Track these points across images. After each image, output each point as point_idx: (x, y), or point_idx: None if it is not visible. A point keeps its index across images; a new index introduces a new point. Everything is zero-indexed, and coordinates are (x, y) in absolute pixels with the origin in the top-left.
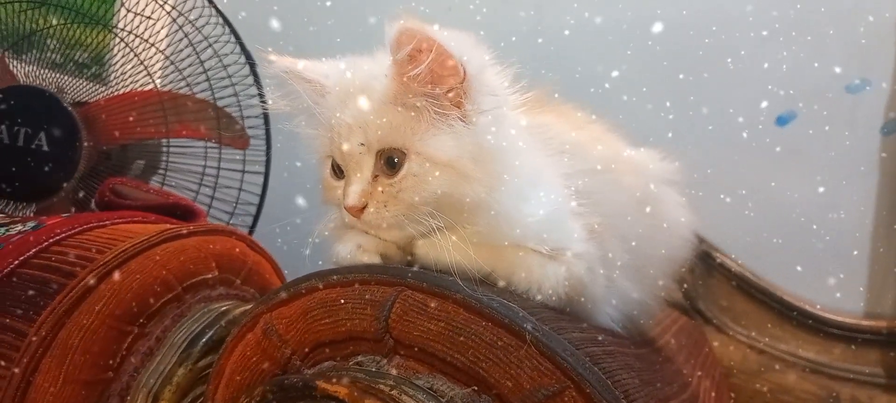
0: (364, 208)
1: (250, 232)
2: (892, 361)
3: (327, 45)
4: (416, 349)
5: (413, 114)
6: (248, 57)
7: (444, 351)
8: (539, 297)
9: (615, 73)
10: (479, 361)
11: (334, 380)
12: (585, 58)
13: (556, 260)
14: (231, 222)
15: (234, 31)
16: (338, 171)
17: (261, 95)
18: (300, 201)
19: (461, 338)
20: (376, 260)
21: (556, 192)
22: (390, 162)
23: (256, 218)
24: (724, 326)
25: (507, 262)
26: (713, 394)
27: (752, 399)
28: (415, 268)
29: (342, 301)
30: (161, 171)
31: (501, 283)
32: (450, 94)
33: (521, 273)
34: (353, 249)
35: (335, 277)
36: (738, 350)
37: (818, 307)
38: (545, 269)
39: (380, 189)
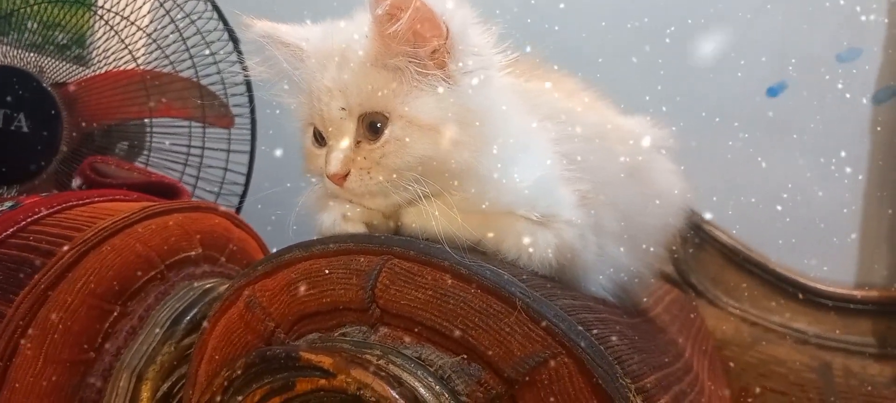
0: (347, 175)
1: (237, 211)
2: (883, 330)
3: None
4: (403, 318)
5: (394, 75)
6: (232, 34)
7: (432, 320)
8: (529, 264)
9: (603, 42)
10: (469, 329)
11: (319, 351)
12: (576, 26)
13: (546, 227)
14: (217, 201)
15: (216, 8)
16: (319, 139)
17: (243, 65)
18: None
19: (449, 306)
20: (361, 229)
21: (546, 158)
22: (373, 126)
23: (243, 197)
24: (716, 299)
25: (496, 229)
26: (706, 365)
27: (745, 370)
28: (401, 237)
29: (327, 271)
30: (145, 152)
31: (491, 251)
32: (432, 54)
33: (510, 240)
34: (338, 218)
35: (319, 247)
36: (729, 322)
37: (810, 278)
38: (535, 236)
39: (362, 155)
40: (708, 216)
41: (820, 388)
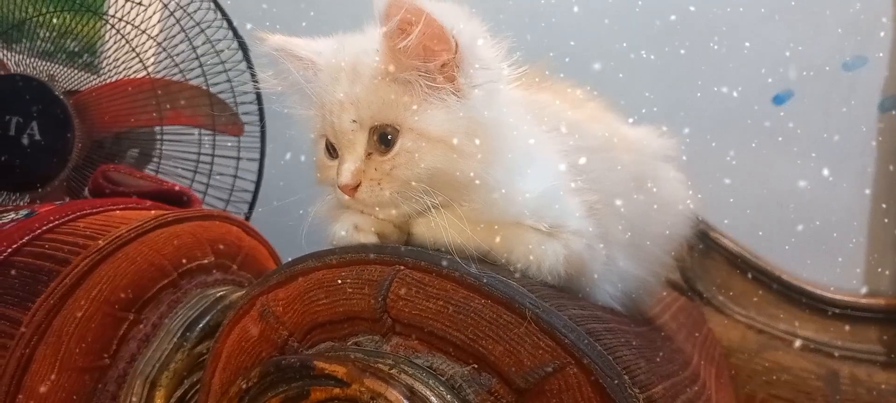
0: (358, 186)
1: (246, 219)
2: (890, 338)
3: (322, 23)
4: (415, 328)
5: (405, 89)
6: (241, 42)
7: (443, 330)
8: (538, 275)
9: (608, 52)
10: (479, 339)
11: (333, 360)
12: (581, 36)
13: (554, 238)
14: (227, 209)
15: (226, 16)
16: (332, 151)
17: (253, 76)
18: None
19: (460, 316)
20: (373, 239)
21: (554, 169)
22: (383, 138)
23: (252, 204)
24: (723, 306)
25: (505, 240)
26: (714, 373)
27: (752, 378)
28: (412, 247)
29: (339, 281)
30: (155, 159)
31: (500, 261)
32: (442, 68)
33: (519, 250)
34: (350, 229)
35: (332, 257)
36: (736, 329)
37: (816, 285)
38: (544, 246)
39: (373, 167)
40: (714, 224)
41: (827, 396)
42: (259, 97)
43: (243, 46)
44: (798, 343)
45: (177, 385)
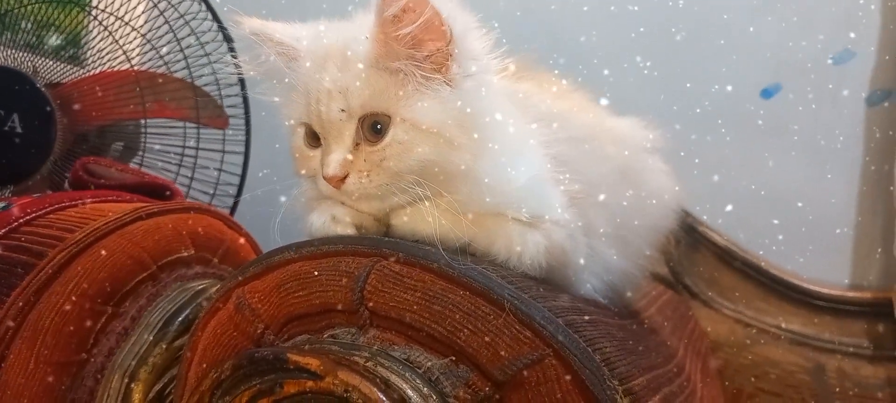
0: (344, 178)
1: (231, 213)
2: (877, 332)
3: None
4: (392, 320)
5: (396, 78)
6: (226, 34)
7: (420, 322)
8: (519, 266)
9: (598, 45)
10: (457, 331)
11: (307, 353)
12: (567, 28)
13: (535, 228)
14: (212, 202)
15: (211, 9)
16: (313, 139)
17: (235, 62)
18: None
19: (438, 308)
20: (351, 231)
21: (537, 160)
22: (374, 128)
23: (237, 197)
24: (710, 300)
25: (487, 231)
26: (699, 367)
27: (739, 372)
28: (391, 239)
29: (316, 273)
30: (139, 153)
31: (481, 252)
32: (434, 57)
33: (500, 241)
34: (327, 220)
35: (309, 249)
36: (724, 323)
37: (804, 279)
38: (525, 237)
39: (362, 158)
40: (702, 217)
41: (813, 389)
42: (244, 89)
43: (228, 39)
44: (785, 336)
45: (156, 379)
